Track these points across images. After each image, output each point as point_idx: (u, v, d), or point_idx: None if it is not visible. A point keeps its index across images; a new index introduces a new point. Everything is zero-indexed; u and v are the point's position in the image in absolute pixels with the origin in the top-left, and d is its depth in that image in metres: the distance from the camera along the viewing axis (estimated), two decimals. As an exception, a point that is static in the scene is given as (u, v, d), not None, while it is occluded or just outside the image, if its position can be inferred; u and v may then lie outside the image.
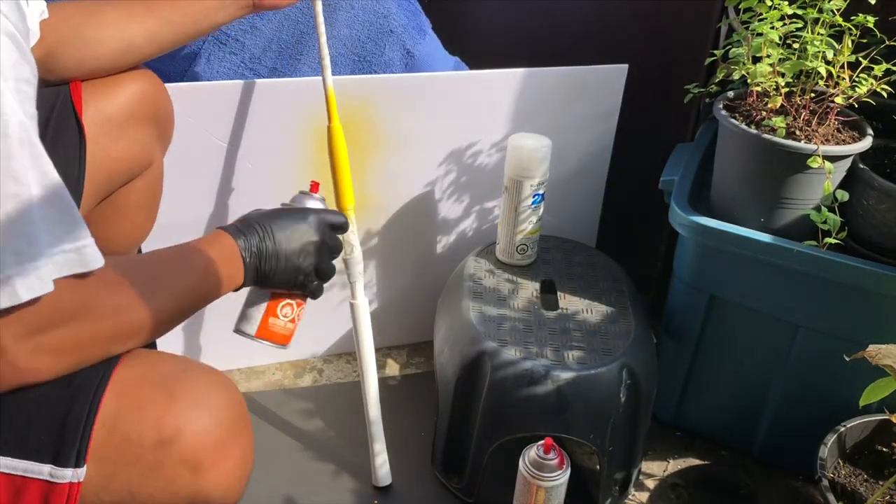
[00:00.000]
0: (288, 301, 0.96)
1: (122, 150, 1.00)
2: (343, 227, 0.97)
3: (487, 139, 1.35)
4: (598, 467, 1.16)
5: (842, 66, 1.07)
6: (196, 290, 0.79)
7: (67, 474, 0.67)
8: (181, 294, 0.77)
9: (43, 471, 0.66)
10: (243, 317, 0.97)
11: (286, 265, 0.89)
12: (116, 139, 0.99)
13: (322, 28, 1.09)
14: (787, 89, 1.10)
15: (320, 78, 1.11)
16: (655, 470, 1.26)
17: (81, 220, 0.65)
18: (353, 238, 1.10)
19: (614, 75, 1.35)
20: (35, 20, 0.89)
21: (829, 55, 1.06)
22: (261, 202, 0.98)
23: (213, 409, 0.72)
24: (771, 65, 1.07)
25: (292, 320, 0.96)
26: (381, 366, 1.44)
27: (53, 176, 0.63)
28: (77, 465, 0.67)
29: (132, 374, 0.71)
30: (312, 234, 0.91)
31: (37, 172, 0.61)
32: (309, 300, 0.98)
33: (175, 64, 1.25)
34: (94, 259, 0.65)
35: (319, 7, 1.09)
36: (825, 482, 1.00)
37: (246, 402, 0.79)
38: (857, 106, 1.09)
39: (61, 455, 0.67)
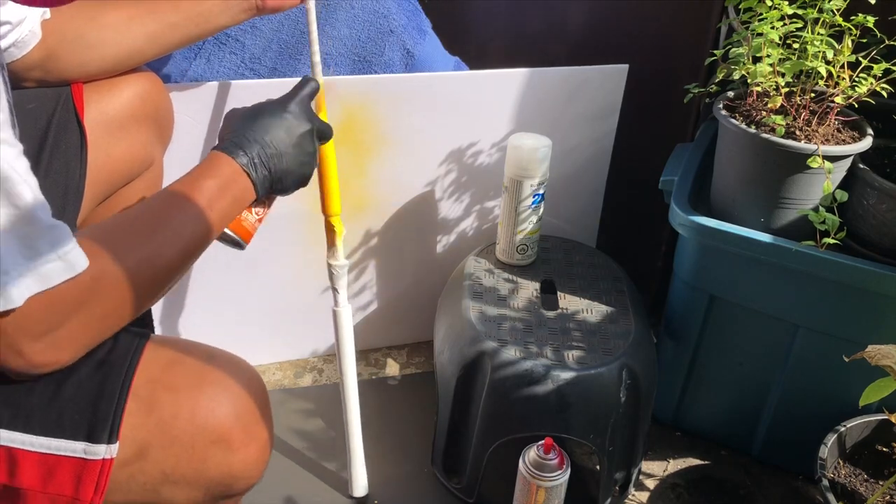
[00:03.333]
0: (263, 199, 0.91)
1: (123, 150, 1.00)
2: (317, 90, 0.94)
3: (487, 139, 1.35)
4: (598, 467, 1.16)
5: (842, 66, 1.07)
6: (200, 228, 0.78)
7: (101, 450, 0.68)
8: (186, 237, 0.75)
9: (77, 448, 0.68)
10: None
11: (291, 163, 0.87)
12: (118, 140, 0.99)
13: (314, 27, 1.03)
14: (787, 89, 1.10)
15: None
16: (655, 470, 1.26)
17: (65, 227, 0.63)
18: (338, 245, 1.07)
19: (614, 75, 1.35)
20: (37, 21, 0.89)
21: (829, 55, 1.06)
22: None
23: (243, 391, 0.74)
24: (771, 65, 1.07)
25: (259, 220, 0.92)
26: (381, 366, 1.44)
27: (26, 194, 0.60)
28: (110, 441, 0.68)
29: (160, 358, 0.73)
30: (304, 122, 0.89)
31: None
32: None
33: (175, 64, 1.24)
34: (79, 263, 0.64)
35: (312, 4, 1.04)
36: (825, 482, 1.00)
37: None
38: (857, 106, 1.09)
39: (94, 432, 0.68)
